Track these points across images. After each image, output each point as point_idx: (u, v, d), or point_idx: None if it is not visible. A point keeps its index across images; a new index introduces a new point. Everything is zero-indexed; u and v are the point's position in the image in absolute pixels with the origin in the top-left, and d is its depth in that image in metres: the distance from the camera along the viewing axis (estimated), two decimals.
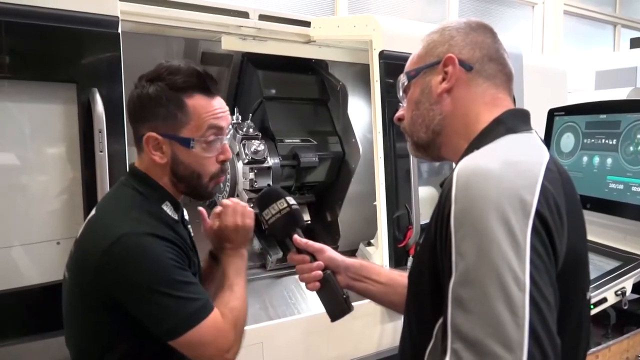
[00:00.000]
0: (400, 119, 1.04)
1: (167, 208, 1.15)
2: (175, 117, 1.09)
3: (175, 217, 1.16)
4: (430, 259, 0.83)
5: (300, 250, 1.20)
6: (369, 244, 2.32)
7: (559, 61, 4.74)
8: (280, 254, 2.33)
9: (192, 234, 1.29)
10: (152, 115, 1.09)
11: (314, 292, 1.21)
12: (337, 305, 1.17)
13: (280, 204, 1.19)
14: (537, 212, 0.74)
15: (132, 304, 1.05)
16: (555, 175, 0.82)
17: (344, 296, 1.17)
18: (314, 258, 1.19)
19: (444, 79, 0.95)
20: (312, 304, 2.10)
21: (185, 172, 1.13)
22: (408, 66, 1.02)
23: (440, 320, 0.78)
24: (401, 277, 1.17)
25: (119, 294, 1.05)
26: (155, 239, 1.04)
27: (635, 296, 2.67)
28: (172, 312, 1.03)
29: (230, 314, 1.11)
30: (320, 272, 1.17)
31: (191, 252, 1.17)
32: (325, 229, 2.59)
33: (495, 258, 0.71)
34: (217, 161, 1.15)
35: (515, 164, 0.80)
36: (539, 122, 2.71)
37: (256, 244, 2.42)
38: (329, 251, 1.22)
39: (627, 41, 6.71)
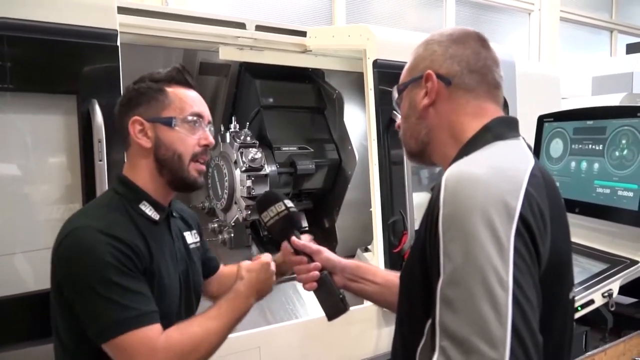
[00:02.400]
0: (399, 127, 1.08)
1: (146, 208, 1.18)
2: (157, 101, 1.17)
3: (156, 217, 1.19)
4: (420, 260, 0.86)
5: (298, 252, 1.23)
6: (366, 250, 2.34)
7: (552, 68, 4.78)
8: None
9: (193, 243, 1.31)
10: (137, 104, 1.18)
11: (311, 298, 1.24)
12: (333, 305, 1.20)
13: (279, 207, 1.22)
14: (521, 216, 0.78)
15: (71, 298, 1.07)
16: (539, 181, 0.86)
17: (341, 296, 1.20)
18: (311, 259, 1.22)
19: (426, 94, 0.98)
20: (309, 309, 2.13)
21: (167, 154, 1.17)
22: (400, 79, 1.06)
23: (431, 319, 0.81)
24: (396, 277, 1.20)
25: (64, 287, 1.07)
26: (104, 236, 1.05)
27: (633, 300, 2.69)
28: (100, 314, 1.03)
29: (181, 337, 1.07)
30: (317, 273, 1.21)
31: (160, 257, 1.16)
32: (322, 235, 2.60)
33: (480, 260, 0.75)
34: (199, 145, 1.19)
35: (500, 170, 0.83)
36: (532, 129, 2.74)
37: (254, 251, 2.46)
38: (326, 252, 1.25)
39: (623, 47, 6.76)
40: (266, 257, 1.27)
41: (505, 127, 0.96)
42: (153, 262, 1.13)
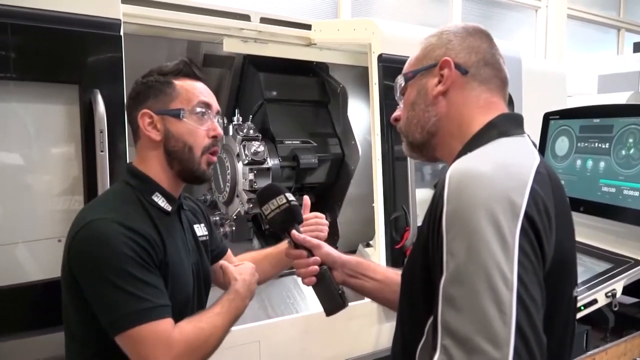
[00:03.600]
0: (396, 120, 1.06)
1: (158, 199, 1.19)
2: (165, 94, 1.18)
3: (168, 208, 1.20)
4: (423, 258, 0.85)
5: (297, 246, 1.22)
6: (368, 245, 2.33)
7: (559, 65, 4.75)
8: None
9: (202, 236, 1.33)
10: (145, 97, 1.19)
11: (312, 292, 1.23)
12: (332, 301, 1.19)
13: (280, 200, 1.21)
14: (526, 214, 0.76)
15: (86, 289, 1.06)
16: (544, 178, 0.84)
17: (340, 292, 1.19)
18: (310, 253, 1.21)
19: (439, 82, 0.97)
20: (310, 303, 2.12)
21: (177, 145, 1.18)
22: (406, 68, 1.04)
23: (432, 318, 0.80)
24: (396, 275, 1.19)
25: (79, 278, 1.07)
26: (120, 227, 1.06)
27: (635, 300, 2.68)
28: (115, 305, 1.02)
29: (193, 331, 1.09)
30: (316, 267, 1.19)
31: (173, 248, 1.17)
32: None
33: (484, 257, 0.73)
34: (208, 136, 1.20)
35: (506, 167, 0.82)
36: (537, 126, 2.72)
37: (256, 244, 2.45)
38: (326, 247, 1.24)
39: (630, 45, 6.70)
40: (248, 263, 1.31)
41: (510, 124, 0.95)
42: (167, 253, 1.14)
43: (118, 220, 1.07)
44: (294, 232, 1.21)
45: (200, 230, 1.34)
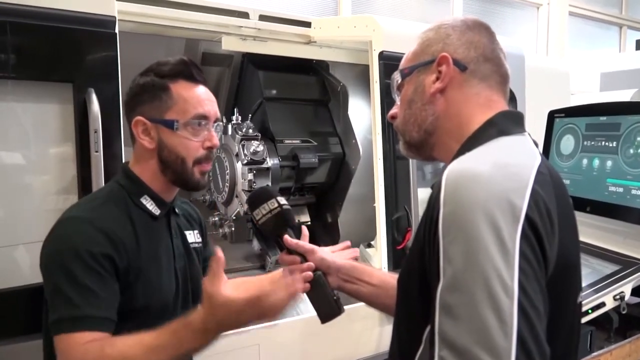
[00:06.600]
0: (393, 117, 1.02)
1: (147, 202, 1.17)
2: (161, 100, 1.14)
3: (156, 212, 1.18)
4: (419, 263, 0.82)
5: (290, 251, 1.19)
6: (369, 246, 2.30)
7: (562, 62, 4.71)
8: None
9: (194, 243, 1.30)
10: (141, 102, 1.15)
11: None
12: (327, 307, 1.15)
13: (271, 204, 1.16)
14: (527, 217, 0.73)
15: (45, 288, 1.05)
16: (546, 178, 0.80)
17: (335, 298, 1.15)
18: (304, 259, 1.17)
19: (437, 79, 0.93)
20: (310, 306, 2.09)
21: (170, 157, 1.15)
22: (403, 63, 1.00)
23: (429, 327, 0.76)
24: (393, 279, 1.15)
25: (43, 276, 1.06)
26: (87, 226, 1.04)
27: (639, 300, 2.64)
28: (53, 307, 1.01)
29: (111, 356, 0.96)
30: (310, 273, 1.15)
31: (151, 253, 1.14)
32: (325, 230, 2.58)
33: (483, 264, 0.69)
34: (203, 147, 1.17)
35: (505, 167, 0.78)
36: (540, 124, 2.69)
37: (255, 245, 2.43)
38: (320, 252, 1.20)
39: (632, 43, 6.66)
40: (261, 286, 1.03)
41: (510, 122, 0.91)
42: (141, 258, 1.11)
43: (87, 218, 1.05)
44: (286, 237, 1.17)
45: (193, 237, 1.31)
